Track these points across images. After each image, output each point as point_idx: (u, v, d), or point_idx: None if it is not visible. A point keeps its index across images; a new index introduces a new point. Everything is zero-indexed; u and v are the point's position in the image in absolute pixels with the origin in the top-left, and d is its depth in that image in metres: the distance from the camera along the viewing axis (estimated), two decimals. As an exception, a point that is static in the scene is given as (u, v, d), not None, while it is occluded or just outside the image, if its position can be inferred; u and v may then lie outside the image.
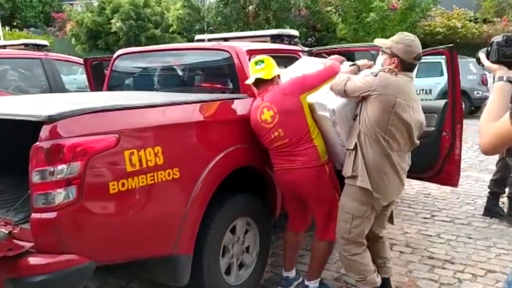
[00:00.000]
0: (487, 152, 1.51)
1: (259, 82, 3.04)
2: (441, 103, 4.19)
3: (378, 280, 3.14)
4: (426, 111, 4.25)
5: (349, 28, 16.24)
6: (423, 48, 2.98)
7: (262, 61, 3.03)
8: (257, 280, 3.35)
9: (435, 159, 4.14)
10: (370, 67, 3.18)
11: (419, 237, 4.39)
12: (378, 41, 3.01)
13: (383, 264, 3.23)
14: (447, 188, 5.58)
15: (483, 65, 1.69)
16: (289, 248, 3.37)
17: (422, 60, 10.46)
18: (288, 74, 3.23)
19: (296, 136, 2.93)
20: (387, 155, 2.81)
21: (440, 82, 12.62)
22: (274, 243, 3.54)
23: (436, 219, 4.87)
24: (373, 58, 3.39)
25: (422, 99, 12.20)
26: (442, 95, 12.18)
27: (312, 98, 3.01)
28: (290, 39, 4.31)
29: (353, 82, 2.86)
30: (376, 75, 2.79)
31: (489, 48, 1.65)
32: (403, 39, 2.82)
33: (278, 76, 3.09)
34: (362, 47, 4.00)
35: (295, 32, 4.38)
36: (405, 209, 5.21)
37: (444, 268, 3.75)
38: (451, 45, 3.95)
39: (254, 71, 3.06)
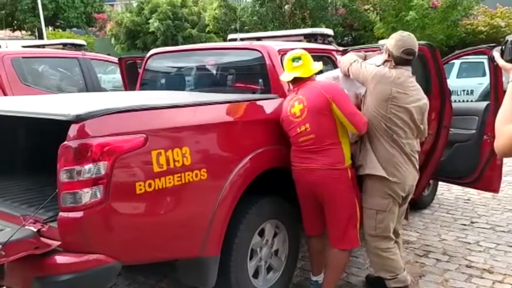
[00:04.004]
0: (504, 154, 1.48)
1: (295, 79, 3.00)
2: (482, 105, 4.03)
3: (409, 278, 3.22)
4: (466, 113, 4.13)
5: (387, 27, 15.86)
6: (464, 48, 2.99)
7: (300, 58, 2.98)
8: (285, 284, 3.28)
9: (475, 164, 3.99)
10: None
11: (457, 244, 4.21)
12: (381, 42, 3.27)
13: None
14: (488, 194, 5.38)
15: (496, 64, 1.61)
16: (314, 253, 3.29)
17: (463, 60, 10.17)
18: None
19: (323, 133, 2.87)
20: (395, 141, 2.93)
21: (483, 82, 12.18)
22: (304, 246, 3.46)
23: (475, 226, 4.67)
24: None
25: (463, 100, 11.90)
26: (484, 96, 11.77)
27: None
28: (323, 38, 4.22)
29: (358, 66, 3.05)
30: (378, 66, 3.01)
31: (503, 47, 1.56)
32: (396, 35, 3.01)
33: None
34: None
35: (329, 31, 4.28)
36: (443, 214, 5.02)
37: (482, 278, 3.58)
38: (493, 44, 3.78)
39: (291, 69, 3.01)
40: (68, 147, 2.08)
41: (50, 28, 29.57)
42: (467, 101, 11.70)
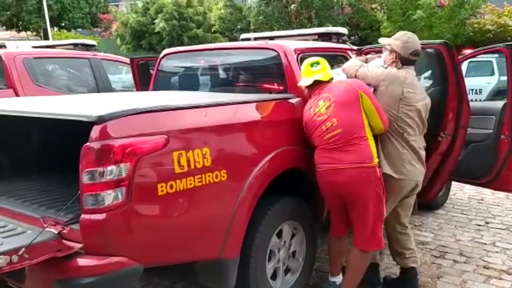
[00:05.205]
0: None
1: (314, 83, 3.00)
2: (500, 104, 3.98)
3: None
4: (483, 112, 4.09)
5: (394, 26, 15.83)
6: (473, 47, 3.00)
7: (318, 63, 3.00)
8: (303, 285, 3.25)
9: (492, 164, 3.93)
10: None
11: (473, 245, 4.18)
12: (382, 40, 3.24)
13: (411, 255, 3.28)
14: (501, 194, 5.37)
15: None
16: (334, 254, 3.26)
17: (471, 59, 9.94)
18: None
19: (350, 127, 2.84)
20: (405, 140, 2.99)
21: (491, 82, 12.12)
22: (319, 247, 3.43)
23: (490, 227, 4.63)
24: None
25: (471, 100, 11.74)
26: (493, 95, 11.70)
27: None
28: (338, 37, 4.18)
29: (365, 70, 3.09)
30: (386, 68, 3.04)
31: None
32: (401, 37, 3.08)
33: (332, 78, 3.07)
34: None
35: (343, 30, 4.24)
36: (457, 215, 4.98)
37: (501, 279, 3.55)
38: (511, 43, 3.74)
39: (310, 73, 3.01)
40: (90, 149, 2.05)
41: (56, 28, 29.63)
42: (476, 100, 11.62)
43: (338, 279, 3.27)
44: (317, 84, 2.99)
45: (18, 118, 2.54)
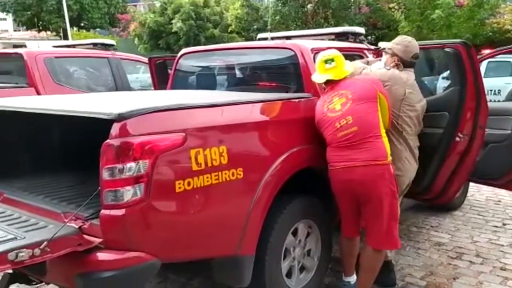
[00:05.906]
0: None
1: (328, 80, 3.01)
2: (518, 104, 3.94)
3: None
4: (501, 113, 4.05)
5: (412, 25, 15.72)
6: (492, 47, 3.04)
7: (332, 60, 2.98)
8: (318, 285, 3.27)
9: (510, 165, 3.90)
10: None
11: (490, 246, 4.14)
12: (382, 44, 3.41)
13: None
14: (519, 195, 5.28)
15: None
16: (346, 254, 3.25)
17: (490, 59, 9.89)
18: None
19: (365, 125, 2.83)
20: (403, 138, 3.12)
21: (510, 82, 11.94)
22: (334, 246, 3.44)
23: (507, 228, 4.58)
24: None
25: (490, 100, 11.58)
26: (512, 96, 11.54)
27: None
28: (355, 37, 4.17)
29: (368, 72, 3.20)
30: (389, 69, 3.17)
31: None
32: (402, 41, 3.25)
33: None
34: (433, 44, 3.79)
35: (360, 30, 4.23)
36: (474, 216, 4.93)
37: (518, 281, 3.51)
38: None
39: (323, 70, 3.00)
40: (110, 146, 2.09)
41: (75, 28, 30.06)
42: (495, 101, 11.46)
43: (352, 279, 3.27)
44: (332, 80, 2.99)
45: (39, 115, 2.60)
